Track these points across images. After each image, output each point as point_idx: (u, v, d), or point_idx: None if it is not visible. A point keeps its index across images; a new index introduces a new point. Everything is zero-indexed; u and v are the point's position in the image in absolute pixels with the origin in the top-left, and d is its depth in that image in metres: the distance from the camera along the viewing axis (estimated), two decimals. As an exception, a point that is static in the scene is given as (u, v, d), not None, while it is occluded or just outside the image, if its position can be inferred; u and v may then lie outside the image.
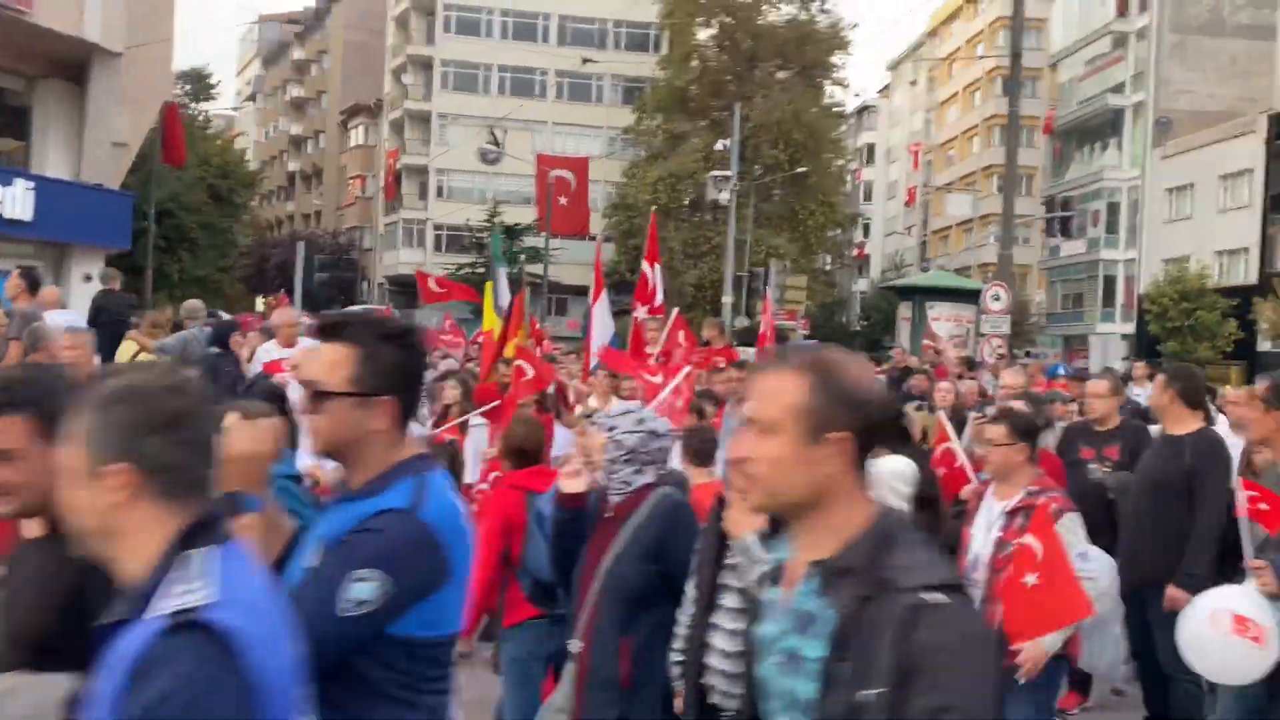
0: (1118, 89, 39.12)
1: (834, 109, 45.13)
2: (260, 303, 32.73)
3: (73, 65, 13.65)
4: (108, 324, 8.69)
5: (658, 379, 7.14)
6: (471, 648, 4.48)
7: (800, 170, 39.20)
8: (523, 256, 40.55)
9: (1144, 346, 32.97)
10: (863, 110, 66.60)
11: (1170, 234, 35.87)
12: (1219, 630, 3.68)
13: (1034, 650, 3.61)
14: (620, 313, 41.80)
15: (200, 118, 37.48)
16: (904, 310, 19.00)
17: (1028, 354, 25.62)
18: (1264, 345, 29.91)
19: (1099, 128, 40.23)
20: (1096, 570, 3.87)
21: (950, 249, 55.24)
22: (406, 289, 42.55)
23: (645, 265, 9.98)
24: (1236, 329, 30.28)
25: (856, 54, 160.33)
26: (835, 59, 43.72)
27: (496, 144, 44.97)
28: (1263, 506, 4.20)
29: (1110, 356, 21.56)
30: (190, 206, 30.48)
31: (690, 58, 44.18)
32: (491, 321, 10.56)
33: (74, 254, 14.05)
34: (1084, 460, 5.54)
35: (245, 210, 36.63)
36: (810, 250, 42.43)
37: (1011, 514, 3.79)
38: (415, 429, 4.24)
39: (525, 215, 42.92)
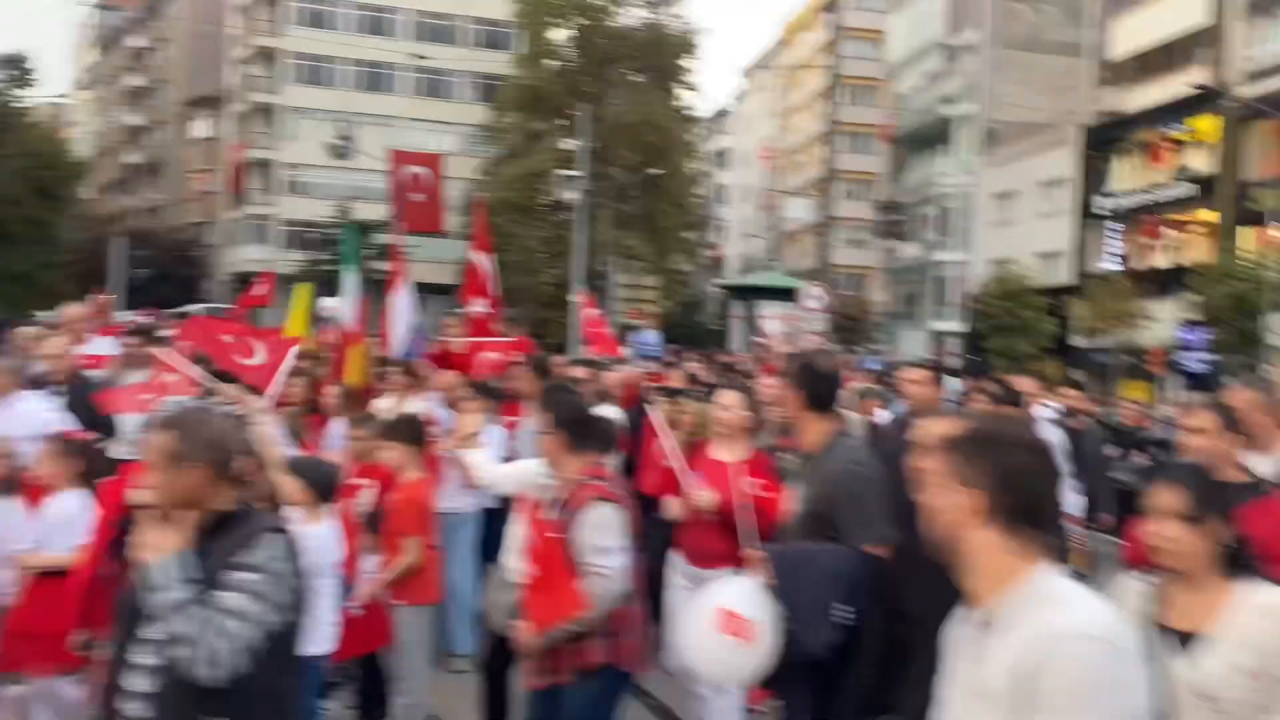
0: (949, 100, 41.32)
1: (685, 113, 46.09)
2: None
3: None
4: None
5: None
6: None
7: (653, 172, 39.88)
8: (372, 254, 39.85)
9: (972, 343, 34.98)
10: (719, 115, 68.13)
11: (996, 237, 38.14)
12: (707, 627, 3.25)
13: (533, 641, 3.65)
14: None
15: (18, 105, 35.39)
16: (737, 309, 19.63)
17: (859, 351, 26.82)
18: (1077, 340, 32.19)
19: (933, 136, 42.40)
20: (611, 568, 3.59)
21: (804, 250, 57.13)
22: (246, 283, 41.27)
23: (476, 255, 9.69)
24: (1054, 326, 32.48)
25: (715, 59, 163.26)
26: (686, 63, 44.61)
27: (347, 138, 44.06)
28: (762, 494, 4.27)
29: (939, 352, 22.67)
30: (10, 199, 28.83)
31: (545, 57, 44.34)
32: (299, 326, 9.28)
33: None
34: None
35: (72, 203, 34.79)
36: (665, 251, 43.21)
37: (557, 505, 3.73)
38: None
39: (378, 212, 42.19)
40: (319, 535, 3.78)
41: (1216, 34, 30.35)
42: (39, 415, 5.27)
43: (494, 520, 5.78)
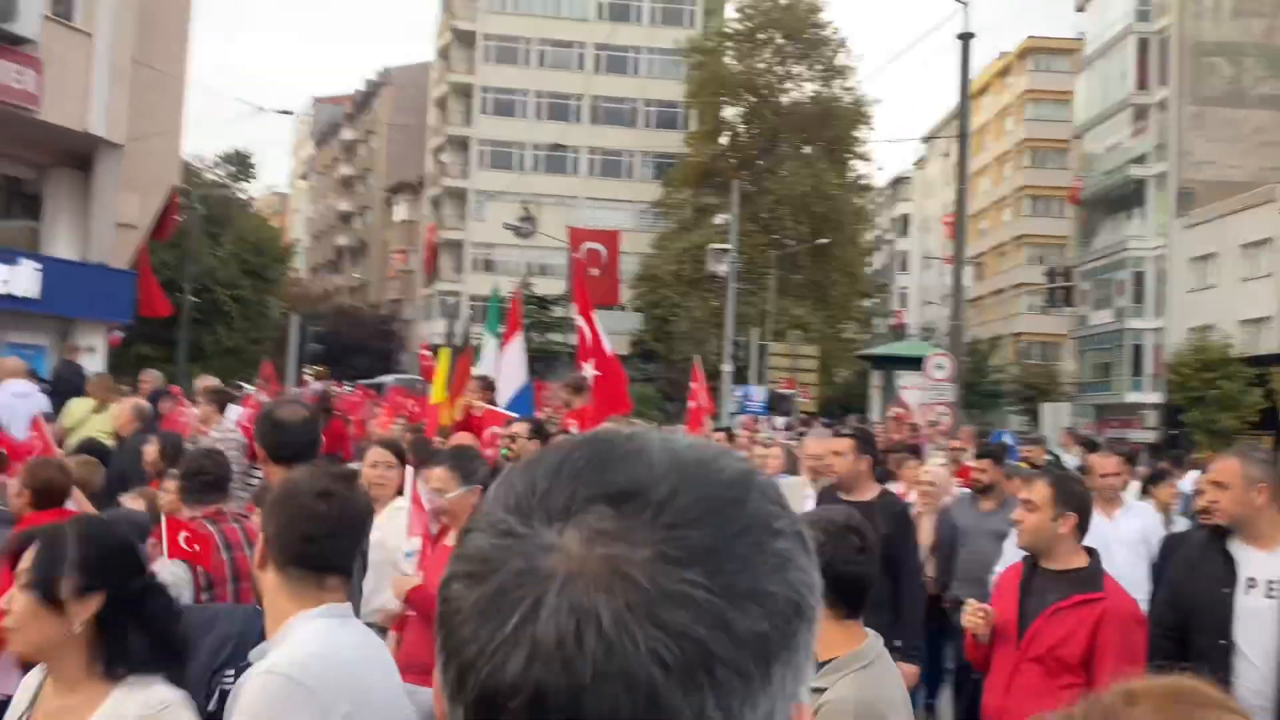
0: (1140, 160, 39.20)
1: (859, 182, 45.79)
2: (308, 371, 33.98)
3: (80, 155, 14.82)
4: (65, 388, 9.52)
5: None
6: None
7: (821, 241, 39.78)
8: (548, 327, 41.55)
9: (1170, 415, 32.49)
10: (897, 181, 67.21)
11: (1195, 303, 35.57)
12: None
13: None
14: (647, 379, 41.75)
15: (241, 196, 39.29)
16: (875, 379, 19.25)
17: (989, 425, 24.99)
18: (1288, 414, 29.37)
19: (1123, 198, 40.25)
20: None
21: (985, 318, 55.07)
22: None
23: (580, 319, 9.64)
24: (1261, 398, 29.80)
25: (895, 125, 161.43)
26: (858, 134, 44.50)
27: (529, 218, 46.40)
28: None
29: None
30: (225, 282, 31.95)
31: (716, 134, 45.38)
32: (440, 394, 9.78)
33: (78, 328, 15.05)
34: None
35: (278, 284, 38.12)
36: (835, 320, 42.77)
37: None
38: None
39: (557, 287, 44.00)
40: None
41: None
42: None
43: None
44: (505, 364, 9.26)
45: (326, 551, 2.02)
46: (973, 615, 3.28)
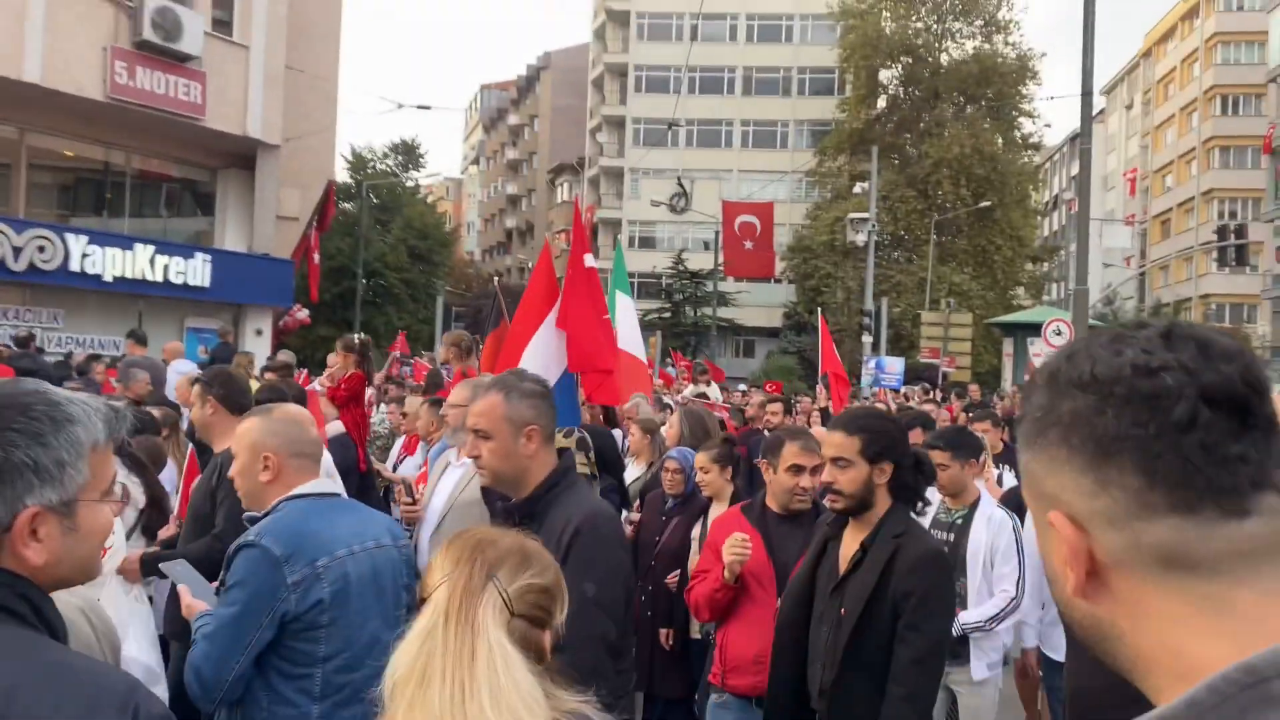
0: (1342, 101, 35.81)
1: (1026, 141, 43.76)
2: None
3: (244, 156, 16.37)
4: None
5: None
6: None
7: (984, 205, 38.39)
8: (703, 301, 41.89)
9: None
10: (1075, 138, 63.58)
11: (1406, 257, 32.33)
12: None
13: None
14: (790, 352, 41.49)
15: (410, 184, 41.55)
16: (1006, 346, 18.58)
17: None
18: None
19: (1323, 144, 36.90)
20: None
21: (1171, 280, 51.66)
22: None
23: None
24: None
25: (1068, 80, 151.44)
26: (1024, 90, 42.48)
27: (684, 193, 46.88)
28: None
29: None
30: (395, 266, 34.07)
31: (872, 99, 44.33)
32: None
33: (247, 313, 16.68)
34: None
35: (445, 267, 40.21)
36: (998, 286, 41.20)
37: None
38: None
39: (707, 261, 44.39)
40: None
41: None
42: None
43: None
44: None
45: None
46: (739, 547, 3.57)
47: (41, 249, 14.51)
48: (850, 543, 3.06)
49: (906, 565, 2.88)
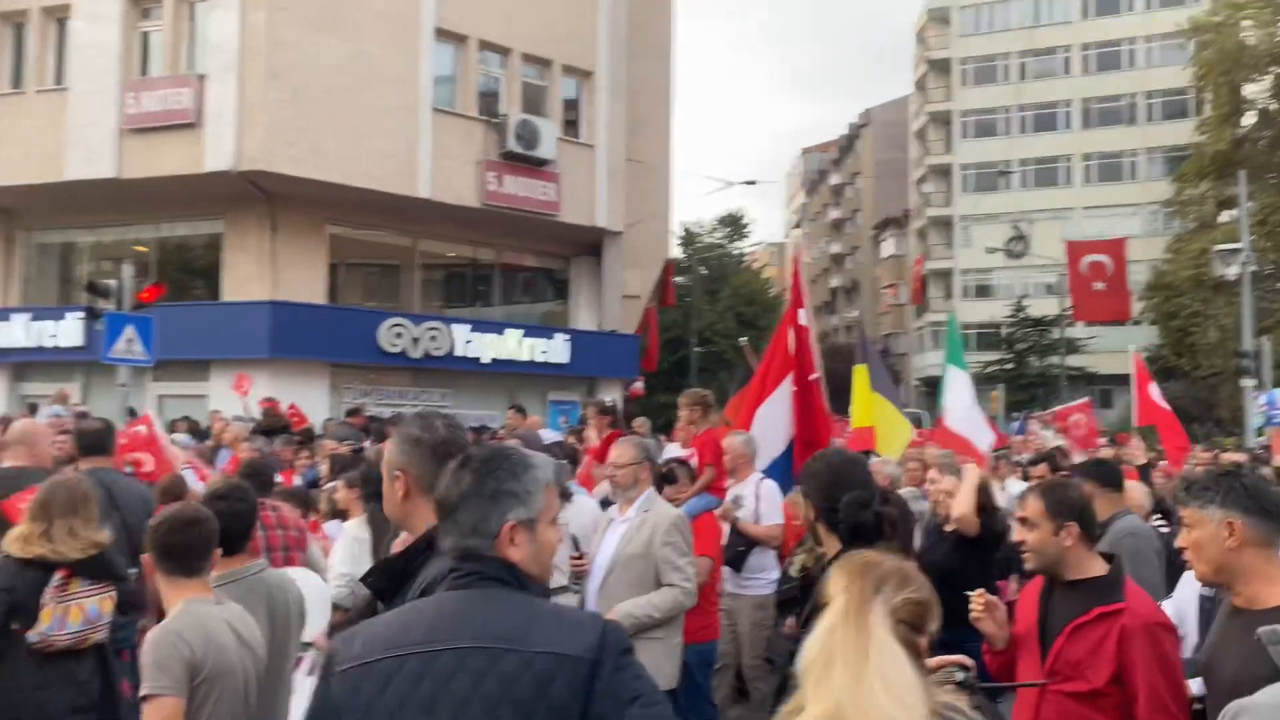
0: None
1: None
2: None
3: (592, 244, 17.93)
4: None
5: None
6: None
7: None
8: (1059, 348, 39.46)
9: None
10: None
11: None
12: None
13: None
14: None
15: (736, 253, 42.89)
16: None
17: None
18: None
19: None
20: None
21: None
22: (934, 388, 43.55)
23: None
24: None
25: None
26: None
27: (1021, 237, 44.71)
28: None
29: None
30: (724, 333, 35.24)
31: (1234, 116, 39.98)
32: (863, 414, 8.85)
33: (599, 385, 18.10)
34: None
35: (769, 331, 40.86)
36: None
37: None
38: None
39: (1051, 306, 41.79)
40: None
41: None
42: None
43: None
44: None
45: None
46: (976, 605, 3.16)
47: (433, 338, 16.83)
48: None
49: None
